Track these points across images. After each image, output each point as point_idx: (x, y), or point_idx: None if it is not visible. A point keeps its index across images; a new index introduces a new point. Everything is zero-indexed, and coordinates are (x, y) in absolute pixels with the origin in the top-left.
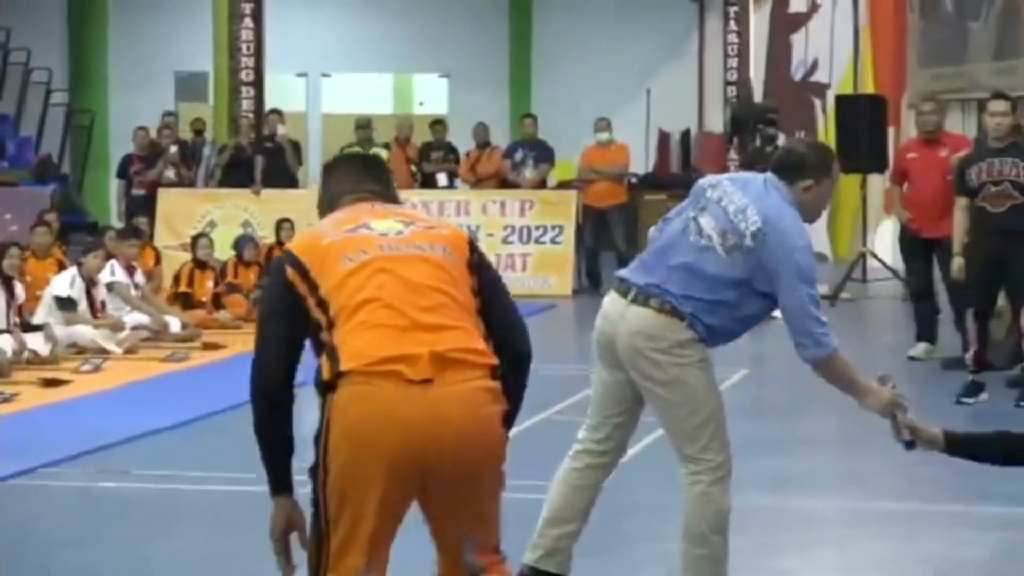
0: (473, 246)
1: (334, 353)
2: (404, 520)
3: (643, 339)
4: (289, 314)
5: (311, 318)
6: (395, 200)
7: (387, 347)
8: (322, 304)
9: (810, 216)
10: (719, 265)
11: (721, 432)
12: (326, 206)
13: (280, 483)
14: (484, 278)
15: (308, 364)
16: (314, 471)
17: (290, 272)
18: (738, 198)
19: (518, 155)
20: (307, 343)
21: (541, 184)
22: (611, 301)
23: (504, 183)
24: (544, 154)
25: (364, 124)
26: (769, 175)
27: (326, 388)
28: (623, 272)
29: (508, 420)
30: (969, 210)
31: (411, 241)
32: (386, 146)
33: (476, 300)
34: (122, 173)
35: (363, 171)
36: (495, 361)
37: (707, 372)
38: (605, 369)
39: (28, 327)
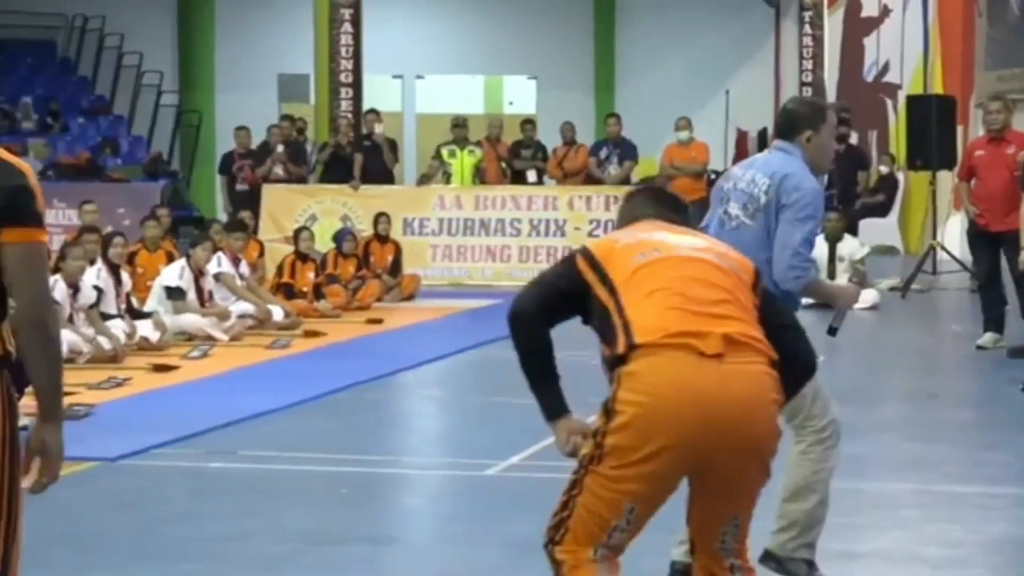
0: (758, 273)
1: (627, 329)
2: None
3: None
4: (564, 285)
5: (600, 304)
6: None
7: (680, 324)
8: (612, 291)
9: (819, 164)
10: (752, 234)
11: (820, 399)
12: (624, 224)
13: (552, 409)
14: (766, 302)
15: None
16: (595, 434)
17: (580, 261)
18: (748, 173)
19: (603, 153)
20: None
21: (625, 180)
22: None
23: (589, 179)
24: (628, 152)
25: (460, 123)
26: (774, 142)
27: (617, 361)
28: None
29: None
30: None
31: (706, 250)
32: (478, 144)
33: (759, 316)
34: (223, 170)
35: (663, 200)
36: (775, 355)
37: None
38: None
39: (137, 315)
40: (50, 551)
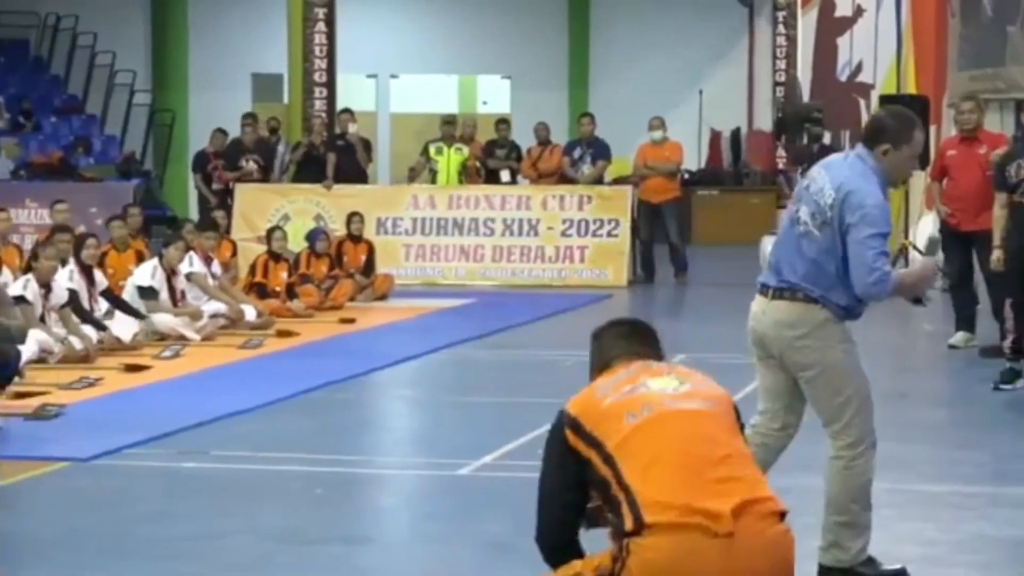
0: (736, 408)
1: (633, 504)
2: None
3: (786, 328)
4: (569, 477)
5: (598, 476)
6: (663, 360)
7: (687, 497)
8: (609, 460)
9: (891, 179)
10: (817, 245)
11: (864, 410)
12: (598, 368)
13: None
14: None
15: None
16: None
17: (570, 436)
18: (821, 179)
19: (576, 152)
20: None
21: (599, 180)
22: (756, 302)
23: (563, 179)
24: (601, 151)
25: (449, 121)
26: (857, 146)
27: (624, 536)
28: (760, 277)
29: None
30: (1008, 205)
31: (690, 396)
32: (464, 141)
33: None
34: (197, 167)
35: (632, 336)
36: (784, 507)
37: (849, 354)
38: (760, 362)
39: (119, 303)
40: (22, 551)
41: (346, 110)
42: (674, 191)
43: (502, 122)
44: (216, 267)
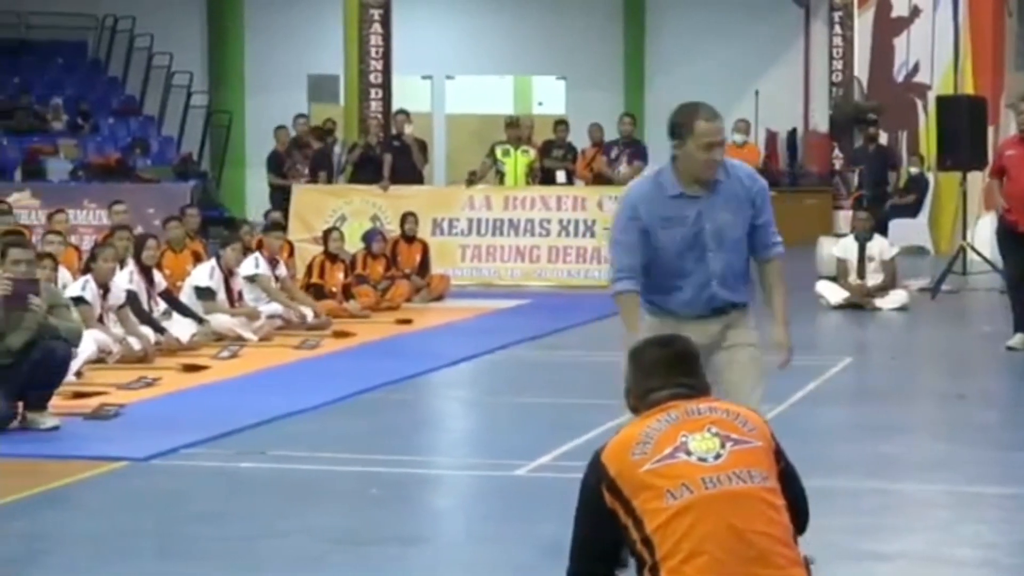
0: (779, 454)
1: None
2: None
3: None
4: (604, 532)
5: (634, 549)
6: (706, 390)
7: None
8: (647, 542)
9: (687, 171)
10: None
11: None
12: (638, 399)
13: None
14: (787, 480)
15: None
16: None
17: (607, 496)
18: None
19: (613, 152)
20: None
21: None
22: None
23: (600, 178)
24: (638, 152)
25: (514, 123)
26: None
27: None
28: None
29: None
30: None
31: (731, 468)
32: (529, 143)
33: (783, 499)
34: (271, 168)
35: (674, 362)
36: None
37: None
38: None
39: (178, 305)
40: (79, 551)
41: (402, 111)
42: None
43: (560, 123)
44: (282, 269)
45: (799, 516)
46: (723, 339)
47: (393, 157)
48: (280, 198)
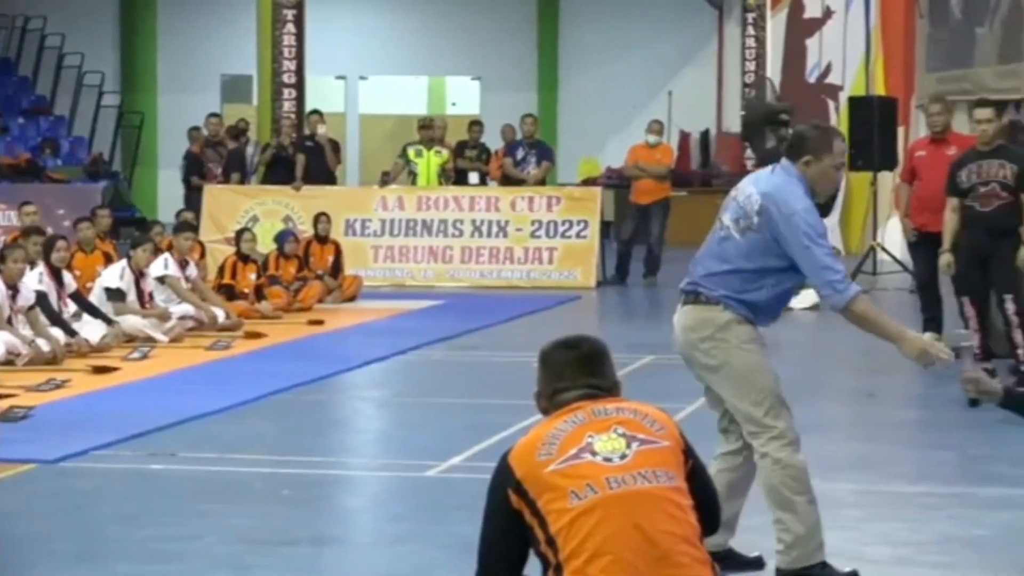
0: (688, 453)
1: None
2: None
3: (690, 332)
4: (511, 534)
5: (538, 549)
6: (615, 389)
7: None
8: (551, 542)
9: (817, 189)
10: (737, 248)
11: (779, 403)
12: (547, 400)
13: None
14: (696, 480)
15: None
16: None
17: (513, 498)
18: (747, 187)
19: (519, 153)
20: None
21: (542, 181)
22: (676, 311)
23: (506, 180)
24: (544, 153)
25: (427, 124)
26: (782, 160)
27: None
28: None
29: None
30: (960, 210)
31: (636, 468)
32: (442, 144)
33: (691, 499)
34: (189, 169)
35: (582, 363)
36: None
37: (753, 352)
38: (697, 377)
39: (88, 307)
40: None
41: (316, 111)
42: (666, 192)
43: (475, 124)
44: (192, 269)
45: (708, 516)
46: None
47: (306, 157)
48: (196, 199)
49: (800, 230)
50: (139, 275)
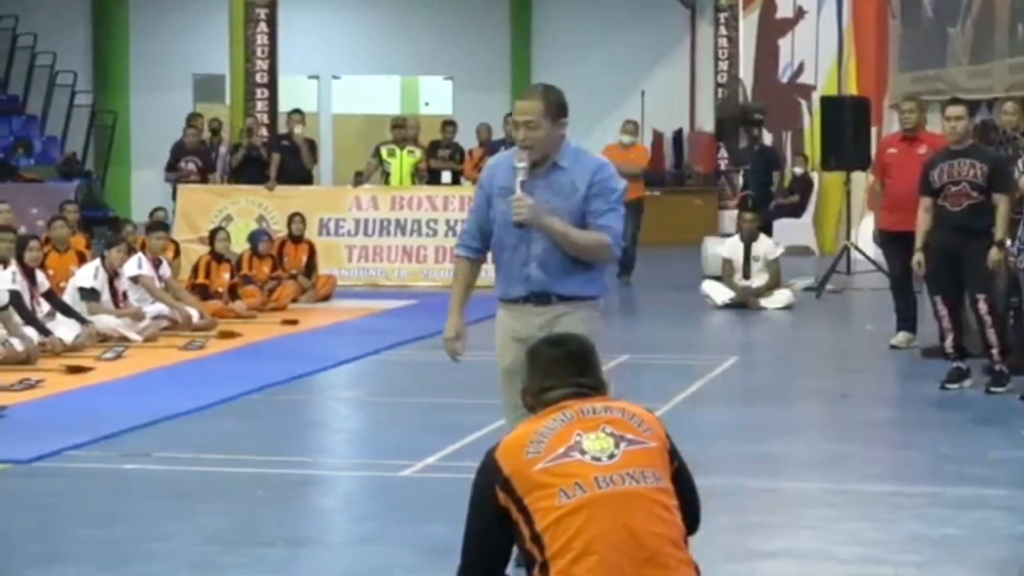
0: (673, 454)
1: None
2: None
3: None
4: (496, 531)
5: (523, 546)
6: (603, 388)
7: None
8: (537, 540)
9: None
10: None
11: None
12: (534, 397)
13: None
14: (680, 481)
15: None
16: None
17: (501, 495)
18: None
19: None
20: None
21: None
22: None
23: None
24: None
25: (400, 123)
26: None
27: None
28: None
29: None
30: (932, 209)
31: (624, 468)
32: (417, 143)
33: (676, 500)
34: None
35: (569, 361)
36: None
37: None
38: None
39: (62, 307)
40: None
41: (297, 111)
42: (637, 192)
43: (449, 123)
44: (165, 269)
45: (691, 517)
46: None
47: (282, 157)
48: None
49: None
50: (113, 275)
